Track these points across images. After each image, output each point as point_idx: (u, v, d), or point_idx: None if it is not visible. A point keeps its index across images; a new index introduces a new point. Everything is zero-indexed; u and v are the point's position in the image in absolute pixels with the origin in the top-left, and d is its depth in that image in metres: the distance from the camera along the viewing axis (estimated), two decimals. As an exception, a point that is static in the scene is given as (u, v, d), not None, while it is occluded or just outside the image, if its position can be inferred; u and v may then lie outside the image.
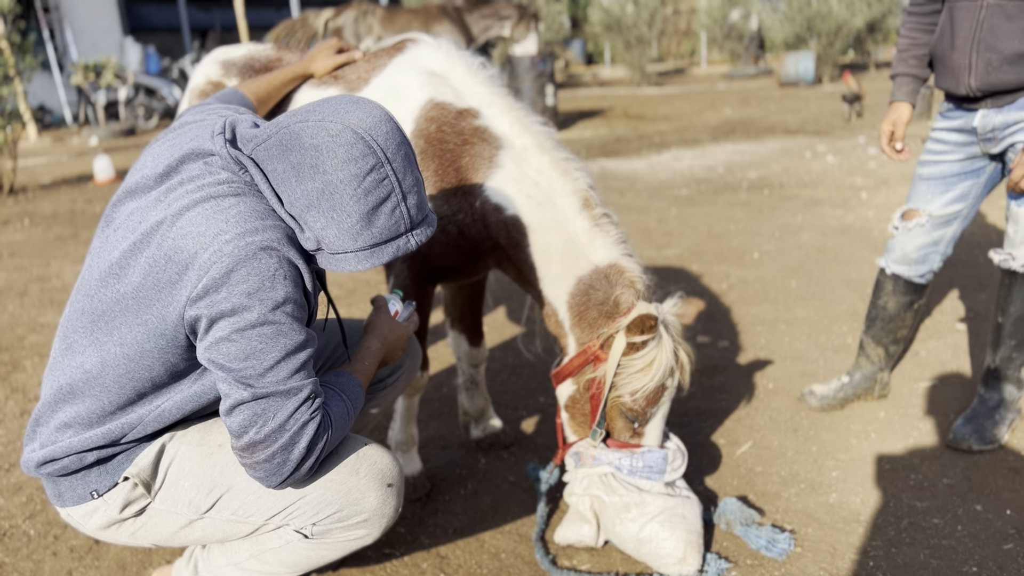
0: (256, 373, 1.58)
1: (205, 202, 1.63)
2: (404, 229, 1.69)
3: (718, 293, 4.66)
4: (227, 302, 1.55)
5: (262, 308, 1.56)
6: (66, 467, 1.75)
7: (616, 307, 2.25)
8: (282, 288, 1.59)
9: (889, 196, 6.78)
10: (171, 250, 1.60)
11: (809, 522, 2.49)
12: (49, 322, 4.80)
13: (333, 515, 1.80)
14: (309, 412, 1.63)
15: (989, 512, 2.49)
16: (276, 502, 1.78)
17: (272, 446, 1.61)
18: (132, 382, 1.68)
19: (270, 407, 1.59)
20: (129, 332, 1.64)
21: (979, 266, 4.82)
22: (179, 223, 1.62)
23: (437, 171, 2.43)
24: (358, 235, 1.65)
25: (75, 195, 9.22)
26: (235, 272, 1.55)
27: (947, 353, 3.64)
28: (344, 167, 1.60)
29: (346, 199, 1.62)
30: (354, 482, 1.80)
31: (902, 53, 2.90)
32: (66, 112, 17.89)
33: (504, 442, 3.08)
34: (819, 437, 3.00)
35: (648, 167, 9.00)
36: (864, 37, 19.55)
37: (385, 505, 1.85)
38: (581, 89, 20.33)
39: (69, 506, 1.81)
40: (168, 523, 1.82)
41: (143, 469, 1.77)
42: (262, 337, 1.57)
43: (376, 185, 1.63)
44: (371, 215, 1.63)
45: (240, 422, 1.60)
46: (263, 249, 1.58)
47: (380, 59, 2.64)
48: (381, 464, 1.86)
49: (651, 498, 2.28)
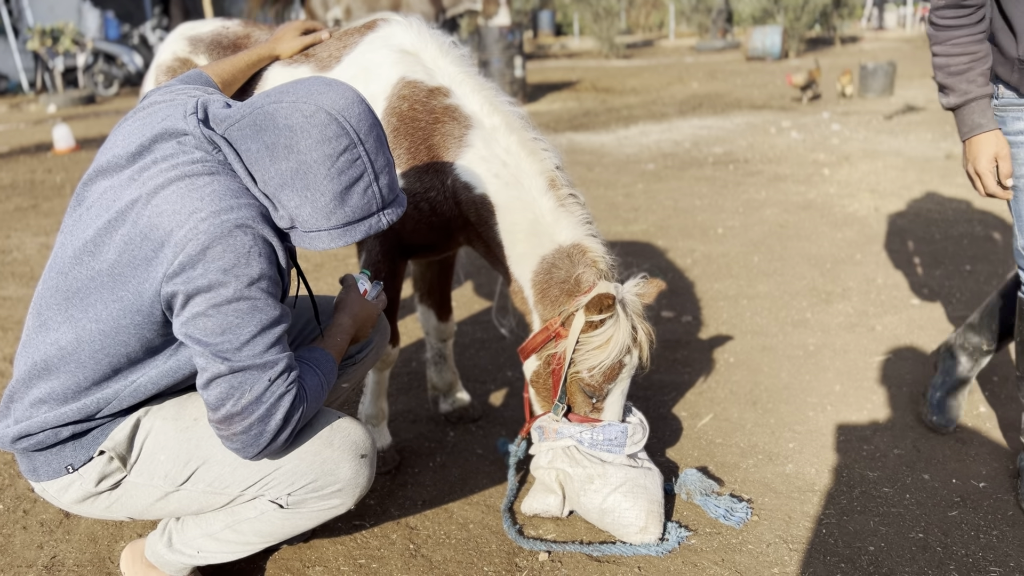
0: (233, 347, 1.62)
1: (180, 180, 1.66)
2: (376, 208, 1.73)
3: (683, 268, 4.74)
4: (203, 278, 1.59)
5: (238, 284, 1.60)
6: (41, 442, 1.78)
7: (577, 285, 2.31)
8: (256, 264, 1.63)
9: (851, 172, 6.91)
10: (146, 228, 1.63)
11: (766, 492, 2.59)
12: (10, 295, 4.74)
13: (308, 485, 1.84)
14: (285, 384, 1.68)
15: (936, 481, 2.61)
16: (252, 473, 1.82)
17: (249, 418, 1.65)
18: (107, 358, 1.70)
19: (247, 380, 1.64)
20: (104, 309, 1.67)
21: (935, 243, 4.95)
22: (154, 201, 1.64)
23: (409, 149, 2.45)
24: (331, 214, 1.69)
25: (34, 165, 9.04)
26: (211, 249, 1.59)
27: (902, 328, 3.76)
28: (318, 147, 1.64)
29: (320, 178, 1.65)
30: (328, 453, 1.85)
31: (967, 73, 2.33)
32: (22, 78, 17.44)
33: (472, 416, 3.14)
34: (777, 410, 3.10)
35: (616, 141, 9.05)
36: (830, 12, 19.72)
37: (358, 475, 1.91)
38: (550, 60, 20.26)
39: (44, 480, 1.83)
40: (144, 496, 1.85)
41: (119, 443, 1.80)
42: (238, 312, 1.61)
43: (349, 165, 1.67)
44: (344, 194, 1.68)
45: (217, 395, 1.64)
46: (238, 227, 1.62)
47: (351, 37, 2.64)
48: (354, 436, 1.91)
49: (614, 470, 2.35)
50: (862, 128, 9.00)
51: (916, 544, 2.31)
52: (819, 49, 19.52)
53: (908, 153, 7.58)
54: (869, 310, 4.00)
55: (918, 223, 5.37)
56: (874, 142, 8.19)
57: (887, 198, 6.04)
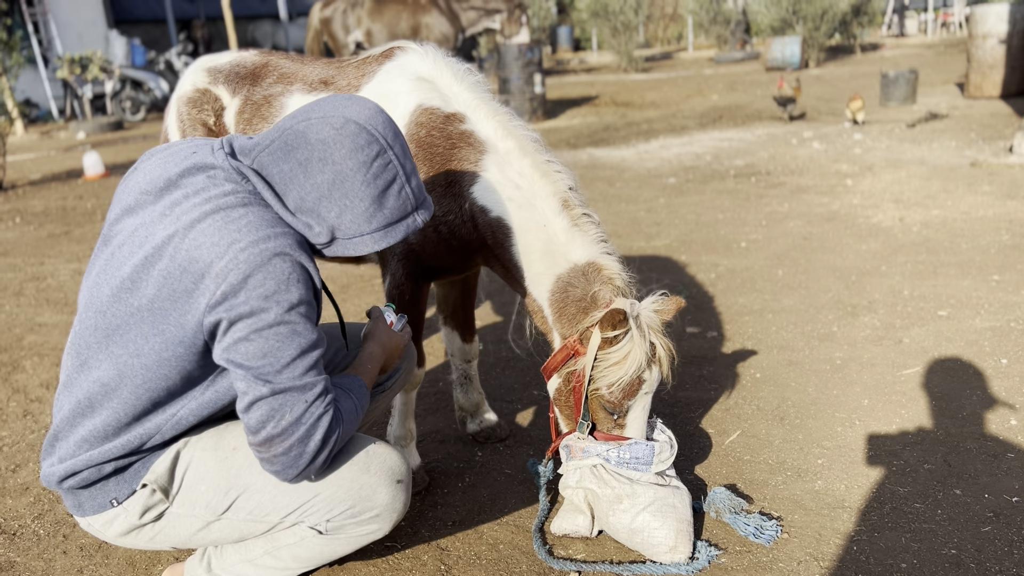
0: (274, 370, 1.68)
1: (215, 213, 1.72)
2: (411, 208, 1.82)
3: (706, 283, 4.74)
4: (246, 305, 1.65)
5: (278, 309, 1.67)
6: (85, 479, 1.83)
7: (594, 303, 2.34)
8: (296, 290, 1.69)
9: (874, 182, 6.87)
10: (185, 261, 1.68)
11: (796, 509, 2.58)
12: (46, 322, 4.84)
13: (346, 511, 1.88)
14: (323, 406, 1.73)
15: (968, 496, 2.59)
16: (291, 500, 1.85)
17: (290, 439, 1.70)
18: (148, 392, 1.75)
19: (287, 402, 1.69)
20: (146, 343, 1.72)
21: (961, 253, 4.91)
22: (191, 235, 1.70)
23: (428, 174, 2.50)
24: (372, 217, 1.77)
25: (65, 191, 9.23)
26: (252, 277, 1.65)
27: (930, 340, 3.74)
28: (352, 156, 1.72)
29: (357, 185, 1.74)
30: (365, 479, 1.89)
31: None
32: (52, 106, 17.81)
33: (500, 435, 3.16)
34: (805, 425, 3.09)
35: (636, 156, 9.07)
36: (850, 20, 19.63)
37: (395, 500, 1.95)
38: (569, 76, 20.34)
39: (89, 515, 1.88)
40: (186, 526, 1.90)
41: (160, 475, 1.84)
42: (279, 336, 1.67)
43: (383, 170, 1.75)
44: (381, 197, 1.76)
45: (258, 417, 1.70)
46: (277, 255, 1.68)
47: (369, 66, 2.71)
48: (391, 461, 1.95)
49: (642, 489, 2.36)
50: (885, 137, 8.95)
51: (949, 561, 2.29)
52: (839, 58, 19.44)
53: (932, 162, 7.53)
54: (896, 322, 3.97)
55: (944, 233, 5.33)
56: (897, 151, 8.14)
57: (912, 208, 6.00)
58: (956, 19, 23.94)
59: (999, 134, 8.53)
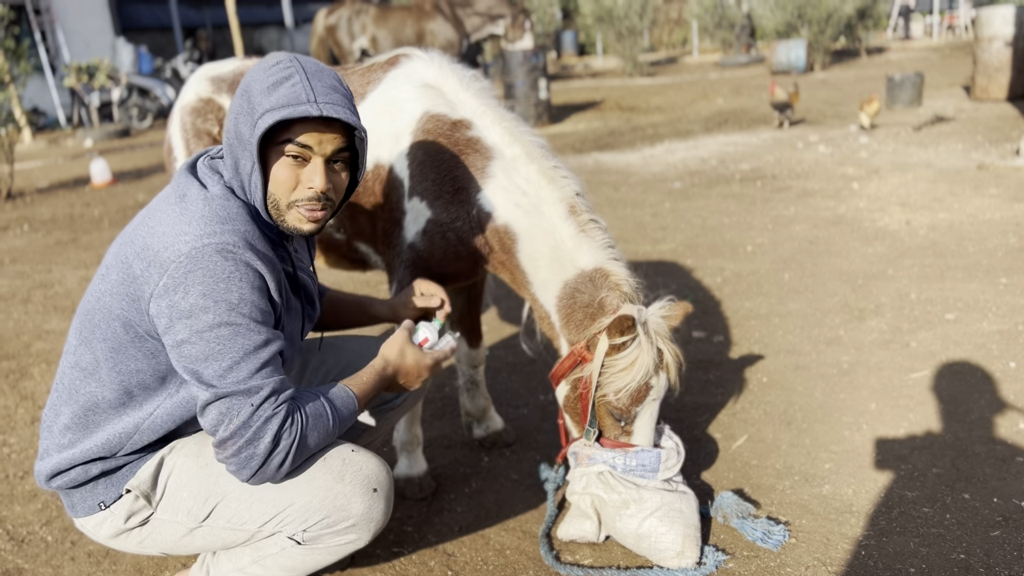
0: (216, 374, 1.67)
1: (178, 203, 1.75)
2: (306, 99, 1.70)
3: (712, 287, 4.73)
4: (184, 302, 1.65)
5: (217, 310, 1.65)
6: (74, 479, 1.87)
7: (601, 309, 2.33)
8: (236, 290, 1.67)
9: (881, 186, 6.86)
10: (140, 247, 1.72)
11: (803, 513, 2.58)
12: (54, 328, 4.86)
13: (321, 521, 1.85)
14: (272, 408, 1.70)
15: (977, 500, 2.57)
16: (266, 509, 1.84)
17: (239, 442, 1.69)
18: (120, 378, 1.79)
19: (234, 406, 1.68)
20: (108, 327, 1.77)
21: (968, 256, 4.90)
22: (150, 222, 1.74)
23: (435, 181, 2.50)
24: (265, 98, 1.71)
25: (73, 199, 9.27)
26: (191, 273, 1.65)
27: (937, 344, 3.72)
28: (259, 69, 1.75)
29: (254, 83, 1.73)
30: (339, 488, 1.84)
31: None
32: (60, 114, 17.90)
33: (506, 440, 3.16)
34: (812, 430, 3.09)
35: (642, 160, 9.07)
36: (855, 24, 19.61)
37: (372, 510, 1.88)
38: (574, 81, 20.36)
39: (81, 517, 1.92)
40: (171, 532, 1.91)
41: (143, 481, 1.87)
42: (220, 339, 1.66)
43: (282, 70, 1.73)
44: (273, 87, 1.71)
45: (211, 420, 1.70)
46: (219, 251, 1.66)
47: (374, 74, 2.71)
48: (367, 469, 1.89)
49: (649, 494, 2.36)
50: (891, 140, 8.94)
51: (958, 565, 2.28)
52: (844, 61, 19.42)
53: (939, 165, 7.51)
54: (903, 326, 3.96)
55: (951, 236, 5.31)
56: (903, 154, 8.12)
57: (918, 211, 5.99)
58: (962, 22, 23.89)
59: (1006, 137, 8.51)
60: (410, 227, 2.57)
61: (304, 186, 1.77)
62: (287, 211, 1.80)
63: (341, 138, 1.78)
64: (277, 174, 1.76)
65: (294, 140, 1.73)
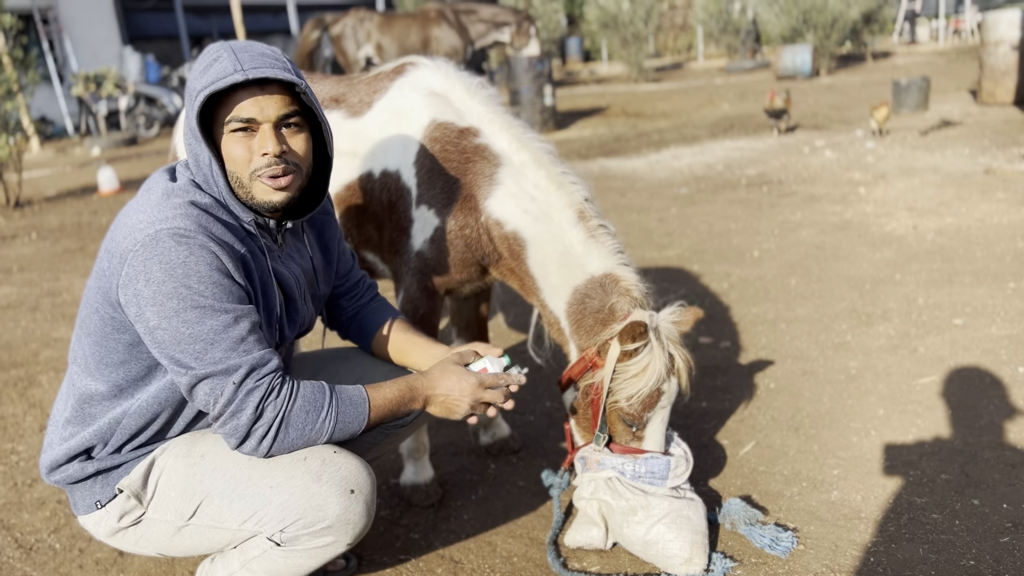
0: (192, 356, 1.70)
1: (142, 195, 1.81)
2: (233, 70, 1.72)
3: (719, 293, 4.73)
4: (147, 290, 1.67)
5: (180, 294, 1.67)
6: (72, 475, 1.91)
7: (612, 314, 2.33)
8: (195, 272, 1.68)
9: (887, 190, 6.84)
10: (110, 240, 1.76)
11: (811, 520, 2.57)
12: (62, 336, 4.88)
13: (297, 522, 1.83)
14: (255, 381, 1.73)
15: (986, 507, 2.56)
16: (246, 506, 1.85)
17: (226, 416, 1.74)
18: (107, 368, 1.83)
19: (216, 386, 1.72)
20: (90, 321, 1.83)
21: (976, 261, 4.88)
22: (120, 216, 1.79)
23: (444, 188, 2.51)
24: (198, 82, 1.75)
25: (80, 207, 9.31)
26: (149, 260, 1.67)
27: (945, 349, 3.71)
28: (196, 63, 1.81)
29: (191, 75, 1.80)
30: (316, 488, 1.82)
31: None
32: (67, 123, 17.99)
33: (512, 447, 3.15)
34: (820, 436, 3.07)
35: (648, 166, 9.07)
36: (860, 28, 19.59)
37: (348, 511, 1.84)
38: (579, 87, 20.38)
39: (82, 515, 1.97)
40: (161, 531, 1.94)
41: (134, 481, 1.90)
42: (187, 323, 1.68)
43: (211, 54, 1.77)
44: (204, 70, 1.75)
45: (200, 401, 1.75)
46: (172, 236, 1.68)
47: (381, 82, 2.72)
48: (345, 470, 1.85)
49: (656, 501, 2.35)
50: (897, 145, 8.92)
51: (967, 572, 2.27)
52: (850, 66, 19.40)
53: (946, 169, 7.49)
54: (911, 331, 3.95)
55: (958, 240, 5.30)
56: (910, 159, 8.10)
57: (926, 216, 5.97)
58: (968, 26, 23.86)
59: (1013, 140, 8.48)
60: (418, 235, 2.57)
61: (257, 155, 1.78)
62: (252, 185, 1.80)
63: (284, 99, 1.78)
64: (230, 152, 1.78)
65: (236, 116, 1.76)
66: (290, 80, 1.75)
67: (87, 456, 1.91)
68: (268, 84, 1.75)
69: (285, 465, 1.83)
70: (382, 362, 2.29)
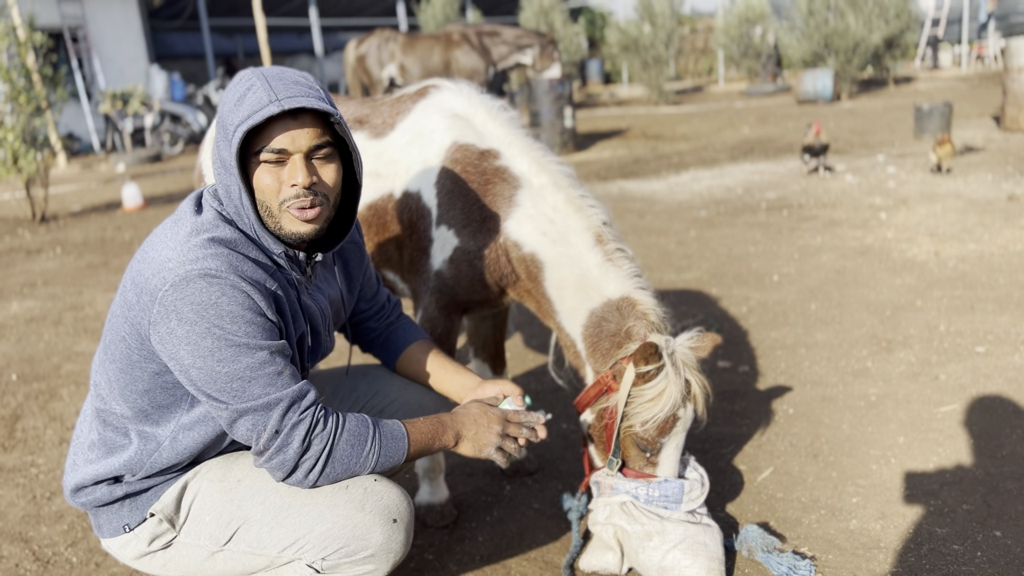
0: (230, 395, 1.70)
1: (170, 229, 1.78)
2: (268, 100, 1.70)
3: (738, 317, 4.70)
4: (180, 329, 1.67)
5: (213, 334, 1.67)
6: (99, 499, 1.90)
7: (628, 337, 2.33)
8: (228, 312, 1.68)
9: (909, 216, 6.80)
10: (135, 273, 1.75)
11: (830, 548, 2.54)
12: (84, 351, 4.93)
13: (340, 550, 1.83)
14: (298, 415, 1.73)
15: (1008, 538, 2.52)
16: (287, 534, 1.84)
17: (271, 450, 1.74)
18: (133, 395, 1.82)
19: (259, 421, 1.71)
20: (116, 348, 1.82)
21: (999, 288, 4.83)
22: (146, 247, 1.78)
23: (463, 209, 2.53)
24: (234, 115, 1.72)
25: (105, 223, 9.42)
26: (180, 301, 1.66)
27: (967, 377, 3.67)
28: (227, 92, 1.78)
29: (223, 106, 1.77)
30: (359, 517, 1.82)
31: None
32: (94, 139, 18.25)
33: (528, 469, 3.14)
34: (839, 463, 3.04)
35: (667, 188, 9.07)
36: (882, 53, 19.53)
37: (391, 540, 1.85)
38: (599, 109, 20.46)
39: (107, 538, 1.95)
40: (193, 555, 1.92)
41: (167, 505, 1.89)
42: (223, 361, 1.68)
43: (244, 84, 1.74)
44: (239, 102, 1.72)
45: (242, 435, 1.74)
46: (203, 277, 1.67)
47: (404, 104, 2.75)
48: (388, 500, 1.86)
49: (672, 526, 2.34)
50: (919, 170, 8.87)
51: (990, 605, 2.23)
52: (872, 90, 19.35)
53: (968, 195, 7.44)
54: (932, 358, 3.91)
55: (981, 267, 5.25)
56: (932, 184, 8.05)
57: (947, 242, 5.92)
58: (991, 51, 23.75)
59: (1037, 167, 8.41)
60: (437, 255, 2.59)
61: (287, 185, 1.76)
62: (280, 216, 1.78)
63: (316, 129, 1.76)
64: (260, 181, 1.76)
65: (268, 147, 1.73)
66: (325, 110, 1.74)
67: (115, 480, 1.90)
68: (301, 114, 1.73)
69: (328, 494, 1.82)
70: (400, 377, 2.31)
